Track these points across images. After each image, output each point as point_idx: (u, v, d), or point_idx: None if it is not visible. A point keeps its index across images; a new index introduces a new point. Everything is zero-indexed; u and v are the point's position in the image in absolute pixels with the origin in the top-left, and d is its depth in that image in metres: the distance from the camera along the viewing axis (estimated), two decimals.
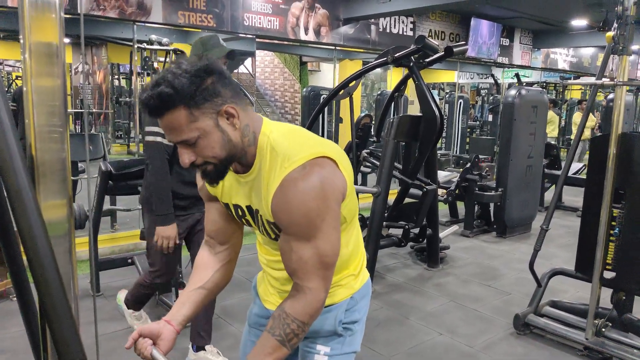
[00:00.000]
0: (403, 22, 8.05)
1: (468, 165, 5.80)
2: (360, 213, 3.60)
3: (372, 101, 11.99)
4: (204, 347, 2.76)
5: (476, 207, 5.81)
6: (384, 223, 4.18)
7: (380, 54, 4.31)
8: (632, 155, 2.82)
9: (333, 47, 7.47)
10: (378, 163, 4.23)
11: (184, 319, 1.33)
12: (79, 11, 1.48)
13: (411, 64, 4.04)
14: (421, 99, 4.02)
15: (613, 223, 2.91)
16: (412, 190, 4.39)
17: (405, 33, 8.08)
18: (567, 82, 11.07)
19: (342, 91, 4.50)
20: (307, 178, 1.13)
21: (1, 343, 3.02)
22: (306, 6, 6.74)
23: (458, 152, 10.76)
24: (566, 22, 8.99)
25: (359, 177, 6.77)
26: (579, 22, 8.84)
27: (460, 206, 6.13)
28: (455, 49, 3.87)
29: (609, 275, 2.97)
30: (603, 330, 2.97)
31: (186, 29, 5.84)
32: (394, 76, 9.67)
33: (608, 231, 2.91)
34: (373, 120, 6.71)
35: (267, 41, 7.20)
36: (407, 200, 4.51)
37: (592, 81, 2.93)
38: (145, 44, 5.84)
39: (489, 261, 4.83)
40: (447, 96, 11.71)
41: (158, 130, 2.43)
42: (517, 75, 7.69)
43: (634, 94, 8.15)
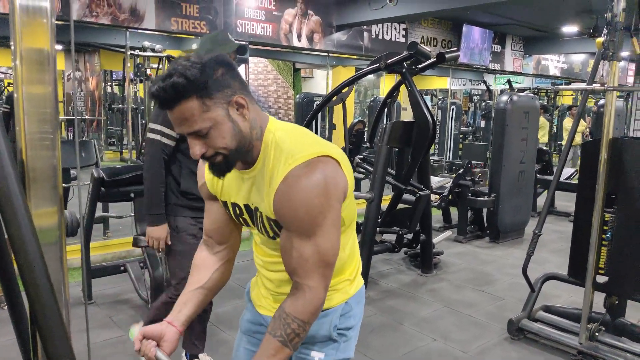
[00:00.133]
0: (395, 29, 8.10)
1: (461, 170, 5.82)
2: None
3: (366, 107, 12.02)
4: (197, 356, 2.74)
5: (469, 213, 5.82)
6: (378, 229, 4.18)
7: (372, 60, 4.32)
8: (623, 159, 2.84)
9: (326, 54, 7.50)
10: (371, 169, 4.24)
11: (186, 319, 1.34)
12: (70, 17, 1.48)
13: (404, 70, 4.06)
14: (414, 105, 4.04)
15: (605, 227, 2.92)
16: (406, 195, 4.40)
17: (397, 40, 8.12)
18: (559, 88, 11.19)
19: (335, 97, 4.52)
20: (311, 175, 1.14)
21: None
22: (299, 13, 6.77)
23: (451, 158, 10.80)
24: (557, 29, 9.09)
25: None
26: (570, 29, 8.93)
27: (453, 212, 6.14)
28: (447, 55, 3.90)
29: (602, 279, 2.98)
30: (596, 334, 2.97)
31: (179, 36, 5.85)
32: (387, 83, 9.72)
33: (600, 236, 2.92)
34: (366, 126, 6.73)
35: (261, 48, 7.22)
36: (401, 205, 4.52)
37: (583, 86, 2.96)
38: (138, 51, 5.84)
39: (483, 266, 4.84)
40: (440, 102, 11.76)
41: (160, 128, 2.37)
42: (509, 81, 7.75)
43: (624, 100, 8.21)
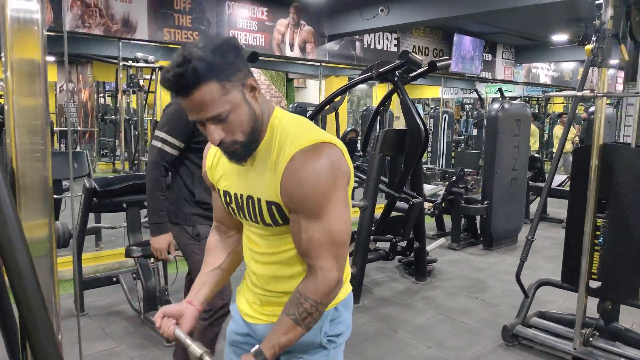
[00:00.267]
0: (387, 39, 8.16)
1: (454, 178, 5.84)
2: None
3: (358, 117, 12.06)
4: None
5: (462, 220, 5.84)
6: (372, 237, 4.19)
7: (364, 69, 4.35)
8: (614, 165, 2.86)
9: (318, 64, 7.53)
10: (364, 177, 4.25)
11: (204, 299, 1.39)
12: (63, 28, 1.48)
13: (395, 79, 4.09)
14: (406, 113, 4.07)
15: (597, 233, 2.94)
16: (399, 203, 4.41)
17: (389, 49, 8.18)
18: (550, 94, 11.27)
19: (328, 106, 4.53)
20: (318, 156, 1.16)
21: None
22: (291, 23, 6.80)
23: (444, 166, 10.84)
24: (547, 37, 9.18)
25: None
26: (560, 37, 9.02)
27: (446, 219, 6.16)
28: (438, 64, 3.93)
29: (595, 284, 2.99)
30: (591, 339, 2.97)
31: (172, 46, 5.85)
32: (379, 92, 9.75)
33: (592, 241, 2.94)
34: (359, 135, 6.74)
35: None
36: (394, 213, 4.53)
37: (573, 93, 2.99)
38: (130, 62, 5.84)
39: (476, 274, 4.84)
40: (432, 111, 11.82)
41: (163, 136, 2.32)
42: (500, 90, 7.80)
43: (614, 108, 8.29)
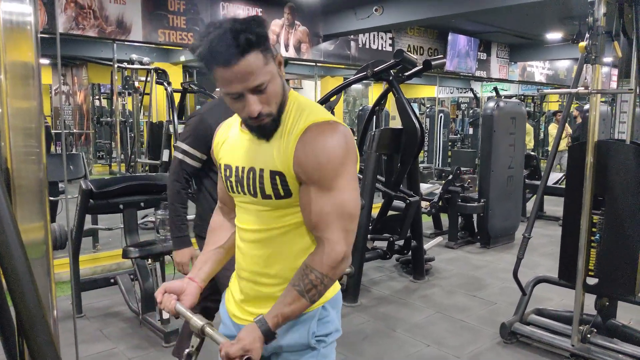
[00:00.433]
0: (382, 38, 8.16)
1: (450, 177, 5.85)
2: None
3: (355, 117, 12.07)
4: None
5: (459, 219, 5.85)
6: (369, 236, 4.19)
7: (359, 69, 4.35)
8: (609, 162, 2.87)
9: (314, 64, 7.53)
10: (361, 176, 4.25)
11: (206, 276, 1.43)
12: (56, 30, 1.48)
13: (391, 78, 4.09)
14: (401, 112, 4.07)
15: (594, 229, 2.95)
16: (396, 202, 4.41)
17: (384, 49, 8.18)
18: (545, 92, 11.35)
19: (323, 106, 4.53)
20: (334, 131, 1.20)
21: None
22: (286, 23, 6.80)
23: (440, 165, 10.86)
24: (541, 36, 9.20)
25: None
26: (554, 35, 9.05)
27: (443, 218, 6.17)
28: (433, 62, 3.94)
29: (592, 281, 3.00)
30: (588, 336, 2.99)
31: (167, 47, 5.84)
32: (375, 92, 9.76)
33: (589, 238, 2.95)
34: (355, 134, 6.75)
35: None
36: (391, 212, 4.53)
37: (568, 90, 3.00)
38: (125, 64, 5.83)
39: (474, 272, 4.85)
40: (428, 110, 11.83)
41: (185, 147, 2.27)
42: (496, 88, 7.82)
43: (609, 105, 8.33)
